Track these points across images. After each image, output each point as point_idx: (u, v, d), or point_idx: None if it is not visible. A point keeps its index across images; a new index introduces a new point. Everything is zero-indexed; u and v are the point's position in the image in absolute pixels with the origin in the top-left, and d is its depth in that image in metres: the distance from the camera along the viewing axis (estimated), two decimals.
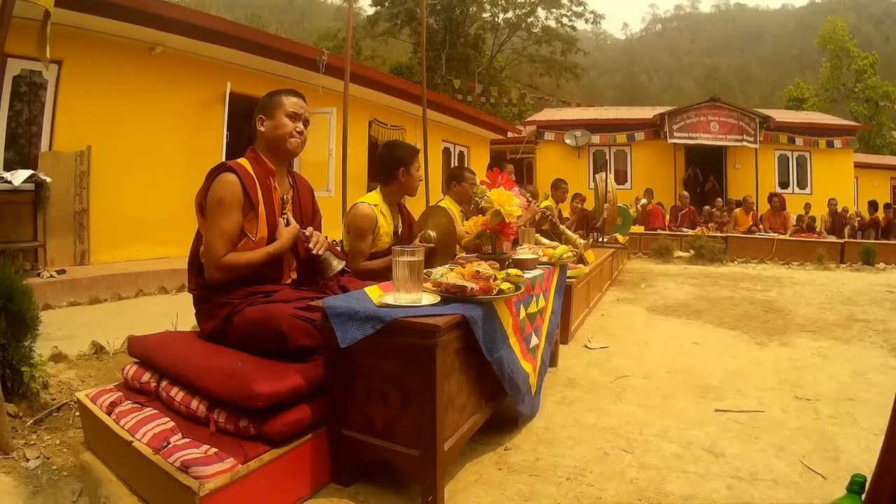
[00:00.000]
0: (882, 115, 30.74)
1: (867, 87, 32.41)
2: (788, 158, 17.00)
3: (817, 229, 12.31)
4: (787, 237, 11.07)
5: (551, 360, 3.44)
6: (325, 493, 2.01)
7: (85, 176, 6.12)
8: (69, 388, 2.78)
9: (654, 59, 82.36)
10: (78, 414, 2.44)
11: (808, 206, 13.27)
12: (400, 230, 3.40)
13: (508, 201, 2.60)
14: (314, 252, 2.43)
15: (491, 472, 2.22)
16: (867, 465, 1.48)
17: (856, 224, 12.35)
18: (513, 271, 2.26)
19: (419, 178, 3.38)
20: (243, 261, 2.28)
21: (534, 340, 2.72)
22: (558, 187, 7.78)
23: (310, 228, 2.50)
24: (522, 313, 2.54)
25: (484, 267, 2.15)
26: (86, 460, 2.17)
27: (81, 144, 6.14)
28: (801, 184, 16.88)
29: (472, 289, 2.01)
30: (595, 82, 63.16)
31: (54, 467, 2.12)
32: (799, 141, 16.61)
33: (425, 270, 2.19)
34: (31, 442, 2.27)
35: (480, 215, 2.79)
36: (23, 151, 6.09)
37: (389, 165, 3.31)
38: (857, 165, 17.81)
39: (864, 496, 1.45)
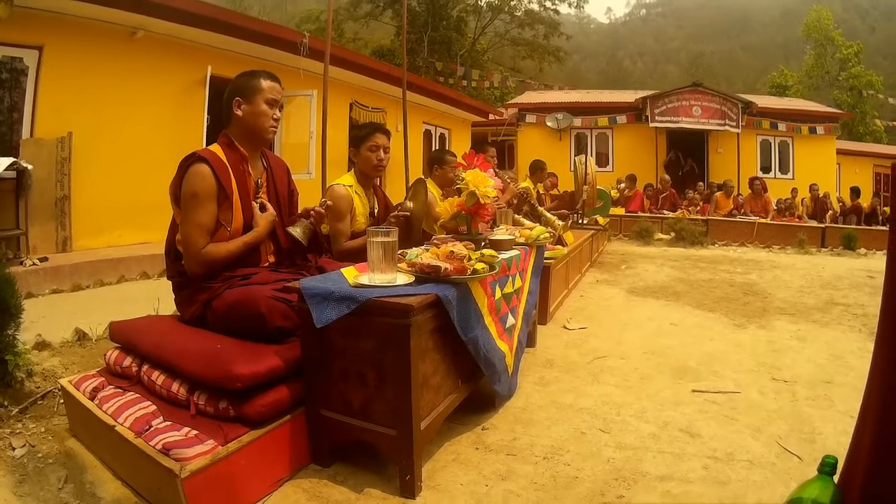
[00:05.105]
0: (866, 103, 30.82)
1: (851, 75, 32.51)
2: (771, 144, 17.03)
3: (798, 213, 12.39)
4: (767, 221, 11.12)
5: (529, 340, 3.47)
6: (304, 474, 2.04)
7: (66, 162, 6.05)
8: (53, 375, 2.77)
9: (638, 45, 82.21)
10: (62, 401, 2.44)
11: (794, 192, 13.34)
12: (376, 211, 3.43)
13: (483, 183, 2.61)
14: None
15: (469, 451, 2.25)
16: (843, 447, 1.49)
17: (837, 210, 12.44)
18: (487, 252, 2.29)
19: (376, 158, 3.31)
20: (222, 252, 2.31)
21: (510, 320, 2.75)
22: (537, 169, 7.79)
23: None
24: (498, 293, 2.56)
25: (458, 247, 2.17)
26: (70, 447, 2.19)
27: (63, 131, 6.06)
28: (784, 169, 16.93)
29: (446, 269, 2.04)
30: (578, 66, 63.00)
31: (40, 455, 2.12)
32: (782, 126, 16.62)
33: (400, 251, 2.21)
34: (17, 431, 2.26)
35: (457, 196, 2.81)
36: (4, 139, 6.02)
37: (349, 149, 3.40)
38: (840, 152, 17.90)
39: (836, 478, 1.46)
